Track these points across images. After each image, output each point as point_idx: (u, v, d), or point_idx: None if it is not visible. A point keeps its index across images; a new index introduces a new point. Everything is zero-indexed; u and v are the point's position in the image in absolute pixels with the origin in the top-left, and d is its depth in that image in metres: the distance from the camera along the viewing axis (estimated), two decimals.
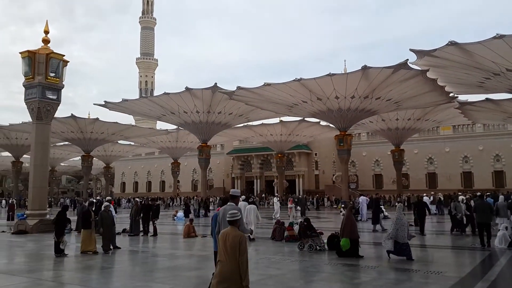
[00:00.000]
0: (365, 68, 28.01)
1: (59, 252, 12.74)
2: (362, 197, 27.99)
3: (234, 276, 4.98)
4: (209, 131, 45.31)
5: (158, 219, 19.47)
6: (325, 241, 13.46)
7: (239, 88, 33.75)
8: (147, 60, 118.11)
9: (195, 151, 52.72)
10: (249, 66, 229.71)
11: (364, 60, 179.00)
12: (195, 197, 37.28)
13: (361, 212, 26.31)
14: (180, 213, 29.73)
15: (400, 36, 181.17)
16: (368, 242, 15.94)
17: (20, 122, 51.20)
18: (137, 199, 25.40)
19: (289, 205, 28.42)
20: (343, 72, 34.98)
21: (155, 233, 18.26)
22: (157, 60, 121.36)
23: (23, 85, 22.51)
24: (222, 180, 71.14)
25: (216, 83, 36.43)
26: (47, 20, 23.74)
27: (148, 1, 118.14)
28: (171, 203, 55.46)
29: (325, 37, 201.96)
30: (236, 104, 39.06)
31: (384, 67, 27.98)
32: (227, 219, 5.31)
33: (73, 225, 20.12)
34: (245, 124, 48.91)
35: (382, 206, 24.60)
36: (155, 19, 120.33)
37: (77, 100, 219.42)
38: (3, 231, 21.02)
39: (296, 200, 32.78)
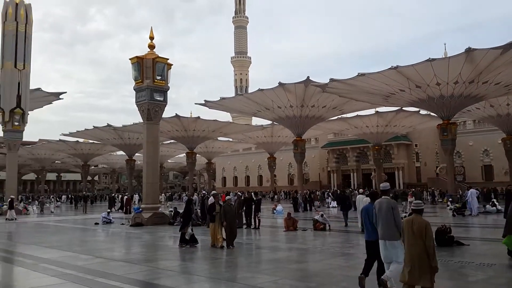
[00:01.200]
0: (469, 50, 25.91)
1: (185, 242, 13.36)
2: (472, 190, 25.98)
3: (422, 257, 5.70)
4: (303, 125, 45.18)
5: (260, 212, 19.87)
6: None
7: (332, 80, 33.17)
8: (241, 58, 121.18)
9: (290, 145, 52.92)
10: (341, 57, 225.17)
11: (466, 42, 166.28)
12: (300, 192, 37.45)
13: (469, 206, 24.49)
14: (280, 207, 30.09)
15: (506, 14, 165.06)
16: None
17: (132, 123, 55.36)
18: (239, 193, 26.21)
19: (409, 199, 27.35)
20: (443, 56, 32.71)
21: (258, 226, 18.68)
22: (250, 57, 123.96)
23: (134, 89, 24.24)
24: (317, 174, 70.71)
25: (308, 77, 36.21)
26: (151, 27, 25.29)
27: (240, 1, 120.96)
28: (274, 197, 55.90)
29: (422, 21, 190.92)
30: (329, 97, 38.46)
31: (491, 48, 25.67)
32: (413, 208, 6.19)
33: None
34: (339, 116, 47.95)
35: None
36: (247, 18, 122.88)
37: (180, 100, 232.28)
38: (122, 224, 22.97)
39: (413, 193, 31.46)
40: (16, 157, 37.51)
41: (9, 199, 29.97)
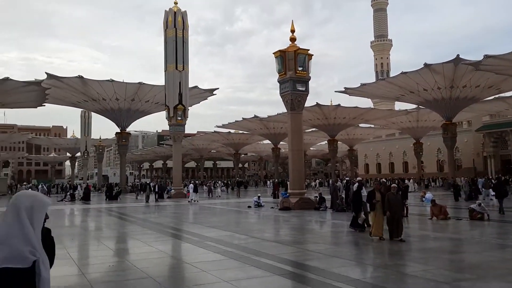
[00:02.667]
0: None
1: (357, 226, 13.17)
2: None
3: None
4: (453, 108, 41.50)
5: (407, 200, 18.95)
6: None
7: (486, 56, 29.72)
8: (381, 42, 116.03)
9: (438, 130, 49.16)
10: (496, 32, 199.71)
11: None
12: (465, 179, 34.57)
13: None
14: (429, 194, 28.21)
15: None
16: None
17: (276, 114, 57.33)
18: (383, 179, 25.33)
19: None
20: None
21: (406, 214, 17.84)
22: (391, 40, 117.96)
23: (278, 81, 25.01)
24: (471, 159, 64.39)
25: (458, 55, 33.10)
26: (292, 20, 25.90)
27: None
28: (420, 184, 52.56)
29: None
30: (483, 75, 34.61)
31: None
32: None
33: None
34: (496, 96, 42.88)
35: None
36: (387, 0, 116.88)
37: (320, 89, 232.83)
38: (272, 207, 24.06)
39: None
40: (180, 147, 41.89)
41: (192, 183, 33.46)
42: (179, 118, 39.61)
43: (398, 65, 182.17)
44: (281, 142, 70.17)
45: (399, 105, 79.68)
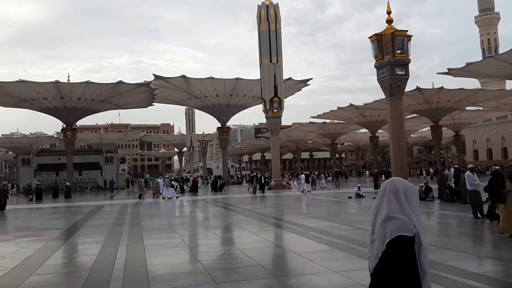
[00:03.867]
0: None
1: (493, 216, 11.95)
2: None
3: None
4: None
5: None
6: None
7: None
8: (487, 16, 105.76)
9: None
10: None
11: None
12: None
13: None
14: None
15: None
16: None
17: (372, 101, 55.28)
18: (497, 167, 23.15)
19: None
20: None
21: None
22: (498, 13, 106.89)
23: (375, 66, 24.00)
24: None
25: None
26: (388, 1, 24.42)
27: None
28: None
29: None
30: None
31: None
32: None
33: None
34: None
35: None
36: None
37: (420, 72, 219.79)
38: (374, 198, 23.29)
39: None
40: (277, 139, 42.37)
41: (303, 174, 33.53)
42: (275, 111, 40.02)
43: (508, 40, 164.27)
44: (379, 131, 67.55)
45: (511, 84, 72.24)
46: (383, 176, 35.80)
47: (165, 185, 31.91)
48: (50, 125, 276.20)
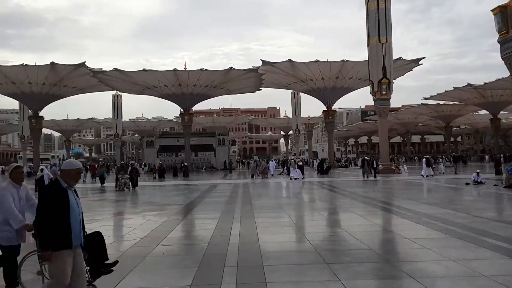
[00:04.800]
0: None
1: None
2: None
3: None
4: None
5: None
6: None
7: None
8: None
9: None
10: None
11: None
12: None
13: None
14: None
15: None
16: None
17: (494, 80, 50.02)
18: None
19: None
20: None
21: None
22: None
23: (498, 42, 21.66)
24: None
25: None
26: None
27: None
28: None
29: None
30: None
31: None
32: None
33: None
34: None
35: None
36: None
37: None
38: (495, 185, 21.24)
39: None
40: (386, 122, 40.61)
41: (425, 158, 31.78)
42: (384, 92, 38.26)
43: None
44: (501, 112, 61.00)
45: None
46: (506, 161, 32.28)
47: (291, 166, 33.62)
48: (169, 110, 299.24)
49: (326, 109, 58.14)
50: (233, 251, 7.41)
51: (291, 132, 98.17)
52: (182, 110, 57.43)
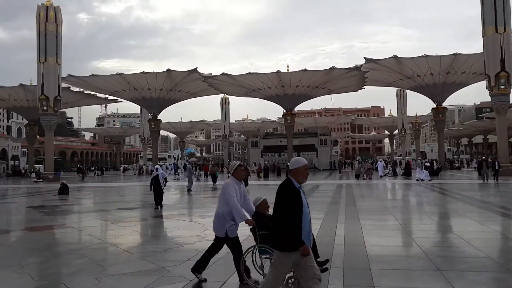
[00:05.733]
0: None
1: None
2: None
3: None
4: None
5: None
6: None
7: None
8: None
9: None
10: None
11: None
12: None
13: None
14: None
15: None
16: None
17: None
18: None
19: None
20: None
21: None
22: None
23: None
24: None
25: None
26: None
27: None
28: None
29: None
30: None
31: None
32: None
33: None
34: None
35: None
36: None
37: None
38: None
39: None
40: (505, 120, 36.77)
41: None
42: (502, 87, 34.71)
43: None
44: None
45: None
46: None
47: (418, 167, 33.00)
48: (273, 111, 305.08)
49: (435, 106, 54.43)
50: (338, 253, 7.33)
51: (396, 131, 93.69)
52: (284, 110, 58.18)
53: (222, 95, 76.72)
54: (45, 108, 41.57)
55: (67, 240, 9.73)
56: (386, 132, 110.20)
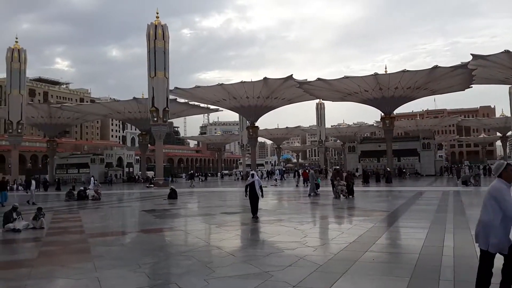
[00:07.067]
0: None
1: None
2: None
3: None
4: None
5: None
6: None
7: None
8: None
9: None
10: None
11: None
12: None
13: None
14: None
15: None
16: None
17: None
18: None
19: None
20: None
21: None
22: None
23: None
24: None
25: None
26: None
27: None
28: None
29: None
30: None
31: None
32: None
33: None
34: None
35: None
36: None
37: None
38: None
39: None
40: None
41: None
42: None
43: None
44: None
45: None
46: None
47: None
48: (370, 115, 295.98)
49: None
50: (448, 264, 6.85)
51: (509, 133, 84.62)
52: (382, 114, 55.95)
53: (317, 100, 76.32)
54: (155, 119, 45.11)
55: (177, 242, 10.44)
56: (498, 134, 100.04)
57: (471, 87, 53.63)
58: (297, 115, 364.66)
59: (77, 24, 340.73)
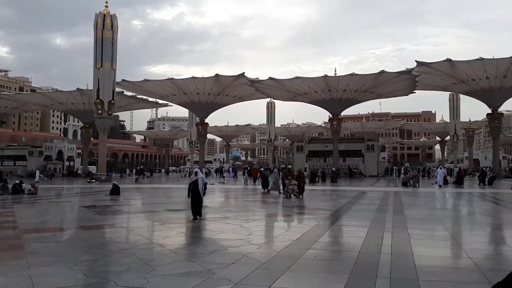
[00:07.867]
0: None
1: None
2: None
3: None
4: None
5: None
6: None
7: None
8: None
9: None
10: None
11: None
12: None
13: None
14: None
15: None
16: None
17: None
18: None
19: None
20: None
21: None
22: None
23: None
24: None
25: None
26: None
27: None
28: None
29: None
30: None
31: None
32: None
33: None
34: None
35: None
36: None
37: None
38: None
39: None
40: None
41: None
42: None
43: None
44: None
45: None
46: None
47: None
48: (318, 116, 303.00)
49: (491, 112, 51.84)
50: (385, 262, 7.15)
51: (448, 137, 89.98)
52: (331, 115, 57.50)
53: (268, 99, 77.05)
54: (100, 111, 43.48)
55: (117, 239, 10.13)
56: (437, 138, 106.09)
57: (415, 92, 56.46)
58: (248, 113, 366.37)
59: (20, 8, 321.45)
